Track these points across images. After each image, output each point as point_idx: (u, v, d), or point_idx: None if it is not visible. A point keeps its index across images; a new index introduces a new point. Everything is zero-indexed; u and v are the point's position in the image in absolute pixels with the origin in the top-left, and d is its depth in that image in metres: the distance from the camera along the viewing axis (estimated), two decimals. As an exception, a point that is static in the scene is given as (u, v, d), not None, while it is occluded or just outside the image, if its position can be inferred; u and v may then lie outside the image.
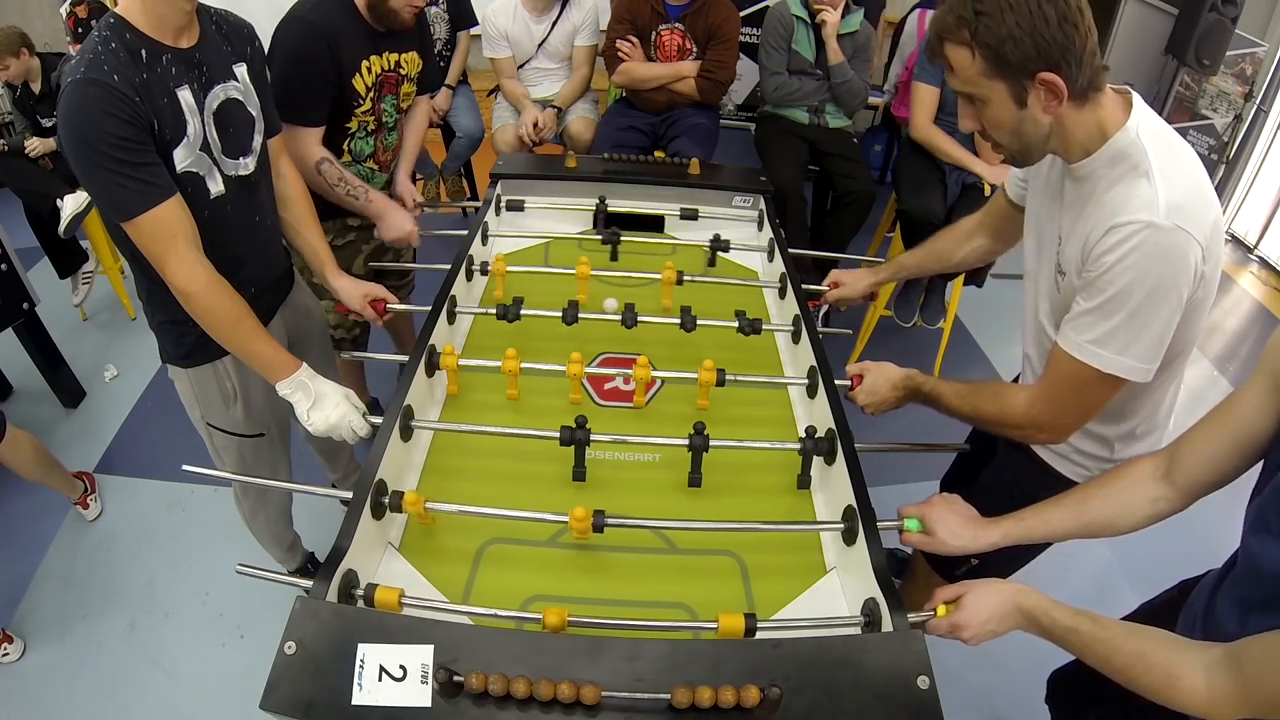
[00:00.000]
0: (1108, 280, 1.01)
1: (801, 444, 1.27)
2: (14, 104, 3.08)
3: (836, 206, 2.88)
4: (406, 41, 1.85)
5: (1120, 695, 0.90)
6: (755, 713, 0.86)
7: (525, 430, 1.30)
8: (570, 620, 0.99)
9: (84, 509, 2.27)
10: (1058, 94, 0.99)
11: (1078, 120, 1.03)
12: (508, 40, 2.86)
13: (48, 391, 2.68)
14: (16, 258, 2.42)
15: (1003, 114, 1.04)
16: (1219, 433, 0.97)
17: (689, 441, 1.26)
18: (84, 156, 1.14)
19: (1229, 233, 4.24)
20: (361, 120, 1.82)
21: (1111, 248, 0.99)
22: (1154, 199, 0.97)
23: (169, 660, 1.94)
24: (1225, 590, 0.97)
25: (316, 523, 2.07)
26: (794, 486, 1.33)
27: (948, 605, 1.02)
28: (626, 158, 2.16)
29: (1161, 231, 0.96)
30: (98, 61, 1.13)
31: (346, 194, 1.81)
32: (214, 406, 1.50)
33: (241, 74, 1.36)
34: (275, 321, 1.55)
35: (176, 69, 1.22)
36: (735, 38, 2.74)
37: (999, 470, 1.47)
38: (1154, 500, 1.03)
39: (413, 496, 1.13)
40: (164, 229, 1.19)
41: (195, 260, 1.23)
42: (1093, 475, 1.27)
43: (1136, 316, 1.01)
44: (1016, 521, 1.09)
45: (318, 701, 0.87)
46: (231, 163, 1.35)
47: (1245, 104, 3.87)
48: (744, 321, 1.58)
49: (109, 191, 1.16)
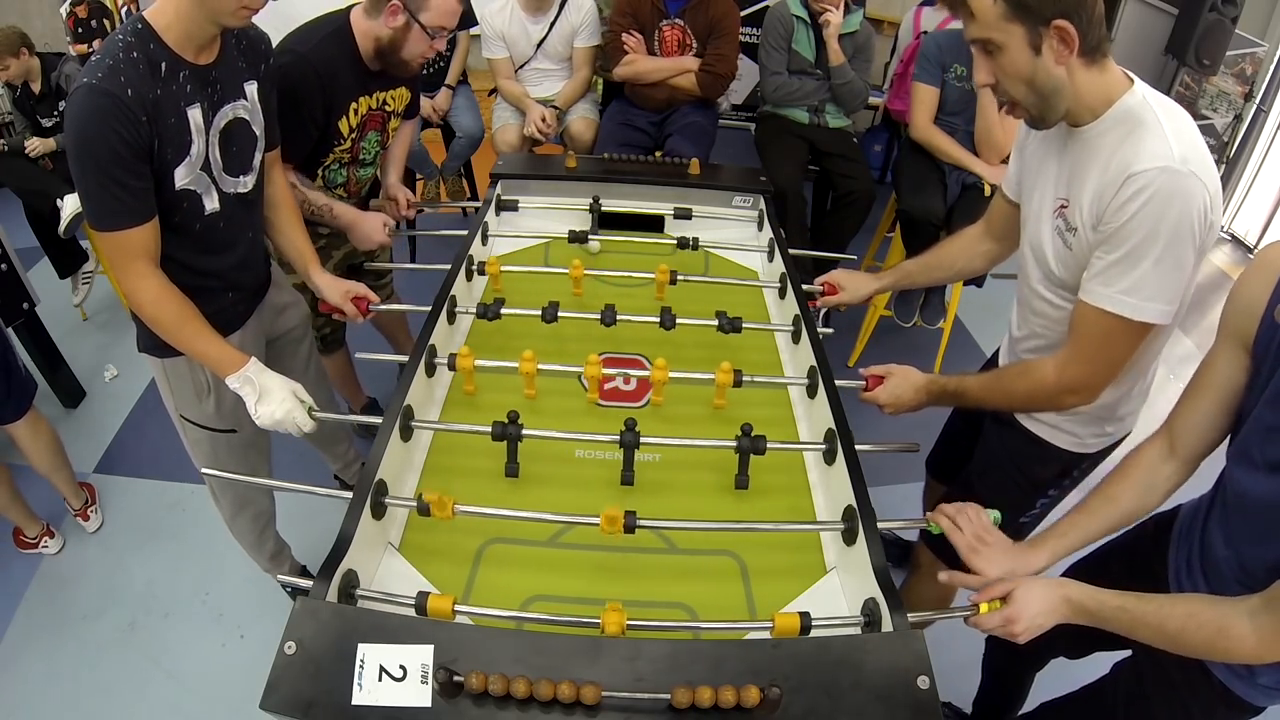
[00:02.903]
0: (1130, 229, 1.04)
1: (738, 441, 1.28)
2: (14, 104, 3.08)
3: (836, 206, 2.88)
4: (400, 78, 1.84)
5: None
6: (755, 713, 0.86)
7: (579, 434, 1.31)
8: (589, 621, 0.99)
9: (84, 520, 2.26)
10: (1069, 43, 1.03)
11: (1086, 79, 1.07)
12: (504, 41, 2.86)
13: (48, 391, 2.68)
14: (16, 258, 2.42)
15: (1018, 61, 1.07)
16: (1204, 399, 1.05)
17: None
18: (79, 158, 1.17)
19: (1229, 232, 4.24)
20: (338, 156, 1.83)
21: (1132, 196, 1.03)
22: (1167, 149, 1.02)
23: (169, 660, 1.94)
24: (1215, 523, 1.04)
25: (316, 522, 2.06)
26: (795, 487, 1.33)
27: (994, 602, 1.03)
28: (626, 158, 2.16)
29: (1178, 176, 1.01)
30: (116, 70, 1.14)
31: (311, 213, 1.81)
32: (187, 399, 1.50)
33: (252, 92, 1.37)
34: (252, 321, 1.55)
35: (191, 86, 1.24)
36: (736, 32, 2.75)
37: (989, 448, 1.50)
38: (1167, 478, 1.10)
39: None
40: (129, 248, 1.24)
41: (151, 275, 1.27)
42: (1085, 442, 1.33)
43: (1162, 261, 1.04)
44: (1059, 539, 1.13)
45: (318, 701, 0.87)
46: (231, 180, 1.36)
47: (1245, 104, 3.88)
48: (724, 321, 1.58)
49: (91, 197, 1.20)
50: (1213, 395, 1.03)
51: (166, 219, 1.27)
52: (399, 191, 2.07)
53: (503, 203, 2.06)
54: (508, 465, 1.30)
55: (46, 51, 3.12)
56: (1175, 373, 3.06)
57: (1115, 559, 1.27)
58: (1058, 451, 1.35)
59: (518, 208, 2.07)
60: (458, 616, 1.01)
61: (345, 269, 2.09)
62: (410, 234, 2.16)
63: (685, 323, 1.57)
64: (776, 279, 1.81)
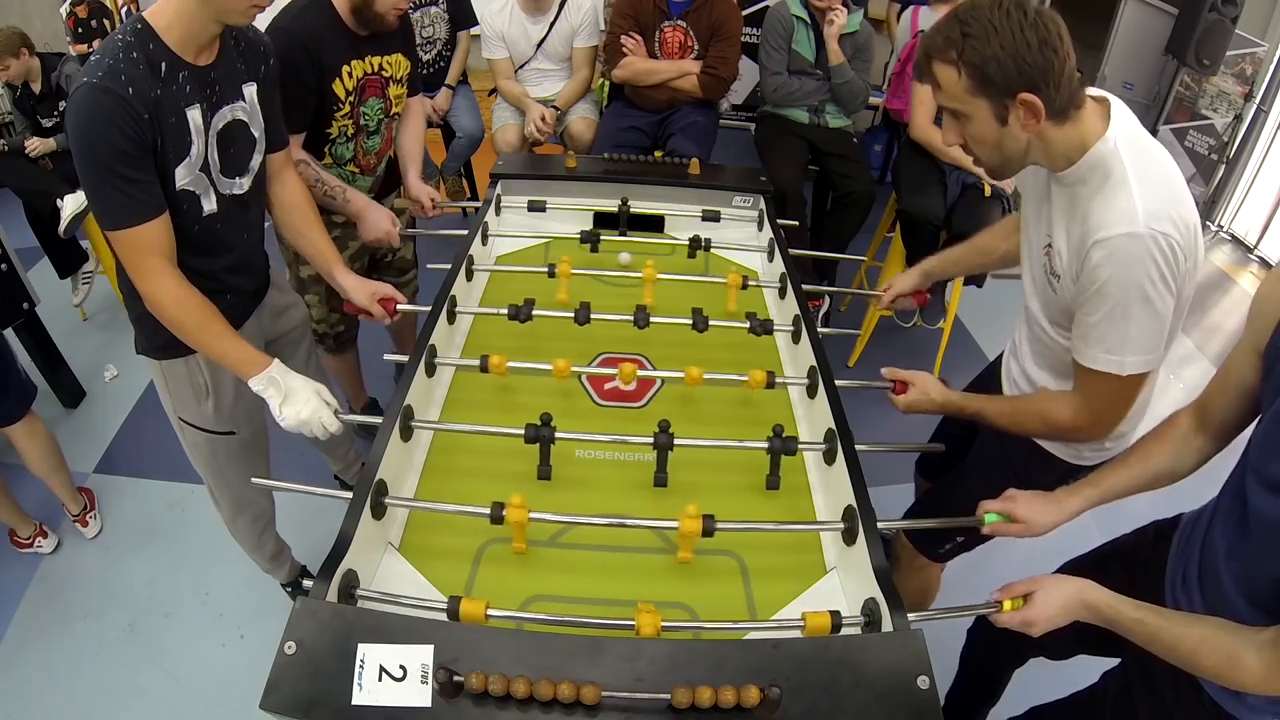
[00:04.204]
0: (1103, 295, 1.08)
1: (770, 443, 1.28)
2: (14, 104, 3.09)
3: (836, 206, 2.88)
4: (391, 44, 1.85)
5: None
6: (755, 713, 0.86)
7: (614, 436, 1.32)
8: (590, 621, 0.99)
9: (83, 526, 2.24)
10: (1036, 114, 1.05)
11: (1058, 135, 1.09)
12: (504, 41, 2.86)
13: (48, 391, 2.68)
14: (16, 258, 2.42)
15: (985, 130, 1.11)
16: (1226, 389, 1.08)
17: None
18: (83, 157, 1.16)
19: (1229, 232, 4.24)
20: (341, 125, 1.83)
21: (1100, 263, 1.07)
22: (1132, 209, 1.04)
23: (169, 660, 1.93)
24: (1218, 534, 1.04)
25: (316, 523, 2.07)
26: (795, 487, 1.33)
27: (1016, 600, 1.04)
28: (626, 158, 2.16)
29: (1140, 240, 1.03)
30: (116, 69, 1.14)
31: (324, 194, 1.82)
32: (185, 401, 1.50)
33: (250, 94, 1.37)
34: (251, 322, 1.54)
35: (191, 87, 1.23)
36: (738, 34, 2.74)
37: (987, 451, 1.51)
38: (1198, 449, 1.13)
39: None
40: (143, 245, 1.23)
41: (168, 274, 1.26)
42: (1083, 455, 1.35)
43: (1137, 319, 1.08)
44: (1094, 487, 1.17)
45: (318, 701, 0.87)
46: (228, 182, 1.36)
47: (1245, 104, 3.88)
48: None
49: (101, 199, 1.19)
50: (1234, 386, 1.06)
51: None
52: (422, 192, 2.06)
53: (521, 203, 2.07)
54: (540, 468, 1.30)
55: (46, 51, 3.12)
56: (1176, 373, 3.06)
57: (1115, 561, 1.27)
58: (1057, 461, 1.37)
59: (545, 208, 2.08)
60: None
61: (367, 263, 2.11)
62: (411, 233, 2.16)
63: (717, 325, 1.59)
64: (776, 279, 1.81)
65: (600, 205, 2.08)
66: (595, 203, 2.08)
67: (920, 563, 1.63)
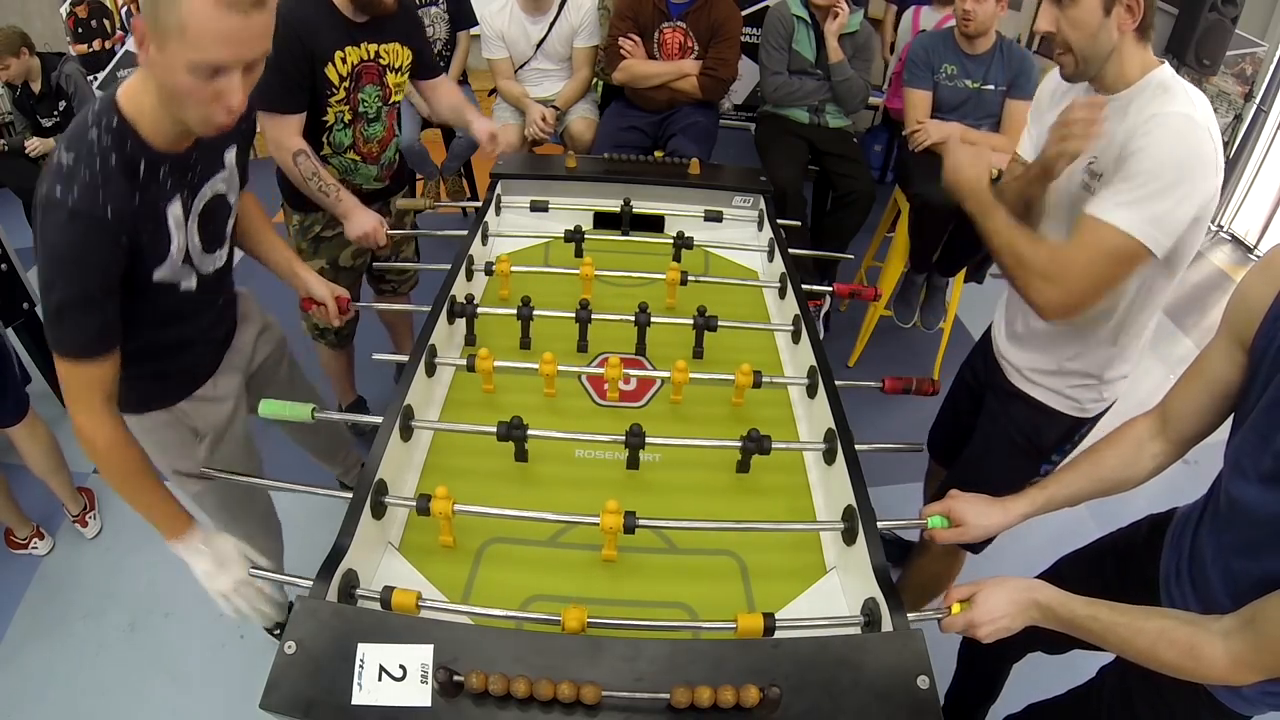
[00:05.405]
0: (1142, 156, 1.13)
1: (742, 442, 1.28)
2: (14, 104, 3.09)
3: (836, 206, 2.87)
4: (388, 33, 1.85)
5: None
6: (755, 713, 0.86)
7: (583, 434, 1.32)
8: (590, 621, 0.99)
9: (83, 526, 2.24)
10: (1134, 14, 1.16)
11: (1132, 51, 1.20)
12: (504, 41, 2.86)
13: (48, 391, 2.67)
14: (16, 258, 2.42)
15: (1089, 16, 1.18)
16: (1196, 389, 1.07)
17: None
18: (51, 283, 1.08)
19: (1229, 232, 4.24)
20: (337, 111, 1.84)
21: (1150, 130, 1.13)
22: (1191, 107, 1.13)
23: (169, 660, 1.94)
24: (1207, 531, 1.03)
25: (315, 522, 2.06)
26: (795, 487, 1.33)
27: (962, 603, 1.03)
28: (626, 158, 2.16)
29: (1197, 125, 1.11)
30: (94, 187, 1.04)
31: (318, 189, 1.84)
32: (177, 452, 1.43)
33: (230, 159, 1.29)
34: (224, 367, 1.47)
35: (171, 180, 1.16)
36: (738, 35, 2.75)
37: (993, 420, 1.53)
38: (1154, 455, 1.12)
39: (443, 493, 1.13)
40: (94, 381, 1.14)
41: (109, 415, 1.17)
42: (1085, 407, 1.40)
43: (1164, 191, 1.11)
44: (1040, 490, 1.15)
45: (317, 701, 0.87)
46: (209, 258, 1.29)
47: (1245, 104, 3.88)
48: (700, 319, 1.58)
49: (60, 327, 1.10)
50: (1204, 387, 1.05)
51: (137, 301, 1.17)
52: (483, 127, 2.06)
53: (536, 204, 2.09)
54: (516, 450, 1.31)
55: (46, 51, 3.12)
56: (1175, 373, 3.06)
57: (1109, 559, 1.27)
58: (1061, 416, 1.41)
59: (548, 209, 2.09)
60: (457, 616, 1.01)
61: (366, 266, 2.15)
62: (411, 233, 2.16)
63: (725, 325, 1.58)
64: (777, 279, 1.81)
65: (601, 205, 2.08)
66: (596, 203, 2.08)
67: (951, 547, 1.63)
